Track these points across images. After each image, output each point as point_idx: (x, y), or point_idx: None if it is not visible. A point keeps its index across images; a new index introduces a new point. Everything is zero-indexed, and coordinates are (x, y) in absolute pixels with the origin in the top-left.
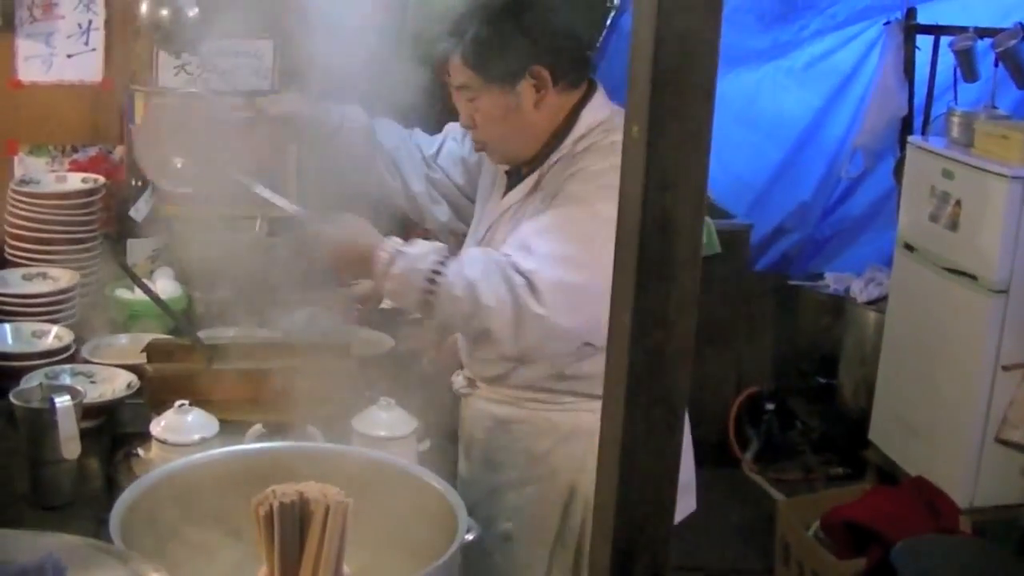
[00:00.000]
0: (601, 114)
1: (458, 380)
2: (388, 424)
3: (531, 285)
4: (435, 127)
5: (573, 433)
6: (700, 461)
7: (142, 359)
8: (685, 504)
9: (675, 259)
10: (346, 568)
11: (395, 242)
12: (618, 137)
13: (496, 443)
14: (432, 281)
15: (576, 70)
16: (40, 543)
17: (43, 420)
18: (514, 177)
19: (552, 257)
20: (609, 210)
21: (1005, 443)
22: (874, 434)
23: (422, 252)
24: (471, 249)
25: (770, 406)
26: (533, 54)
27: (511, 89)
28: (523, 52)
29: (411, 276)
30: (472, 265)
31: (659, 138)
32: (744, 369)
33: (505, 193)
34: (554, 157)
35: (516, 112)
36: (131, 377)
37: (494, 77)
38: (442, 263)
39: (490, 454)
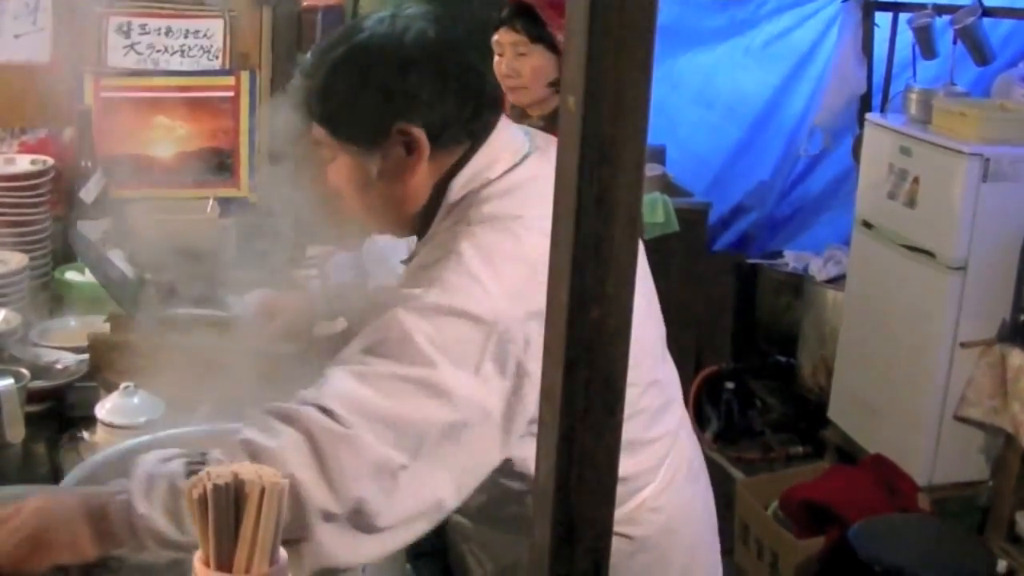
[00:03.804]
0: (482, 176)
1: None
2: None
3: (323, 409)
4: None
5: None
6: None
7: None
8: None
9: (613, 234)
10: (283, 551)
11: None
12: (471, 239)
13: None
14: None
15: (463, 122)
16: None
17: None
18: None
19: (344, 376)
20: (419, 337)
21: (963, 420)
22: (833, 413)
23: (160, 457)
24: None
25: (729, 385)
26: (401, 109)
27: (375, 152)
28: (389, 107)
29: (169, 480)
30: (240, 432)
31: (595, 111)
32: (703, 348)
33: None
34: (429, 234)
35: (380, 180)
36: (80, 360)
37: (353, 139)
38: (196, 456)
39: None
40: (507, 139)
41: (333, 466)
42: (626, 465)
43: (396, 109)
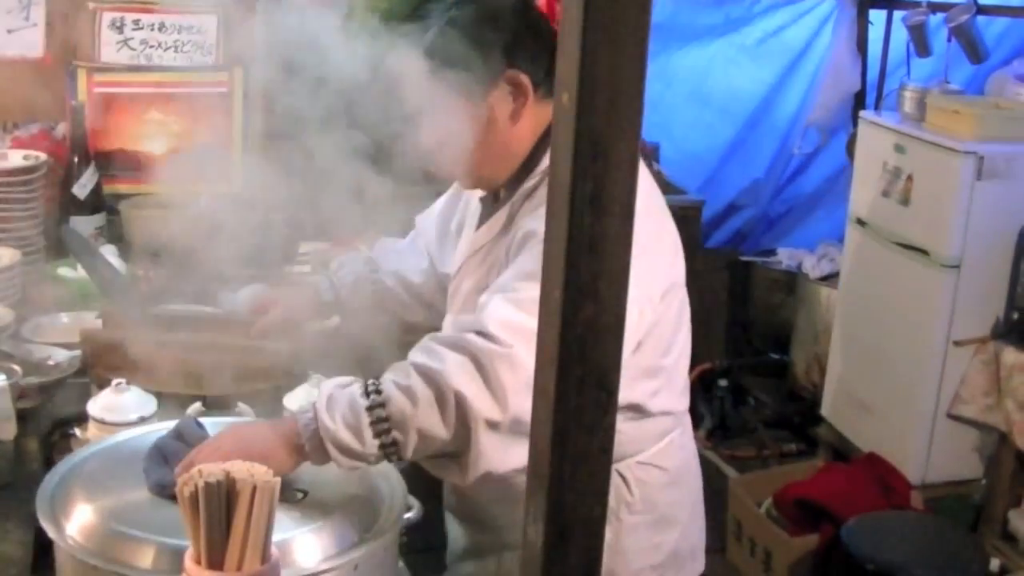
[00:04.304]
0: None
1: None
2: None
3: (480, 333)
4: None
5: None
6: None
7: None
8: (693, 570)
9: (607, 231)
10: (274, 549)
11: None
12: None
13: (478, 502)
14: (374, 391)
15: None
16: None
17: None
18: (488, 206)
19: (499, 303)
20: None
21: (957, 419)
22: (826, 410)
23: (339, 382)
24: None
25: (723, 383)
26: (511, 55)
27: (483, 99)
28: (500, 52)
29: (346, 400)
30: (402, 364)
31: (589, 107)
32: (697, 345)
33: (479, 226)
34: (528, 184)
35: (488, 127)
36: (72, 356)
37: (464, 84)
38: (369, 381)
39: (472, 512)
40: None
41: (494, 381)
42: (673, 401)
43: (507, 55)
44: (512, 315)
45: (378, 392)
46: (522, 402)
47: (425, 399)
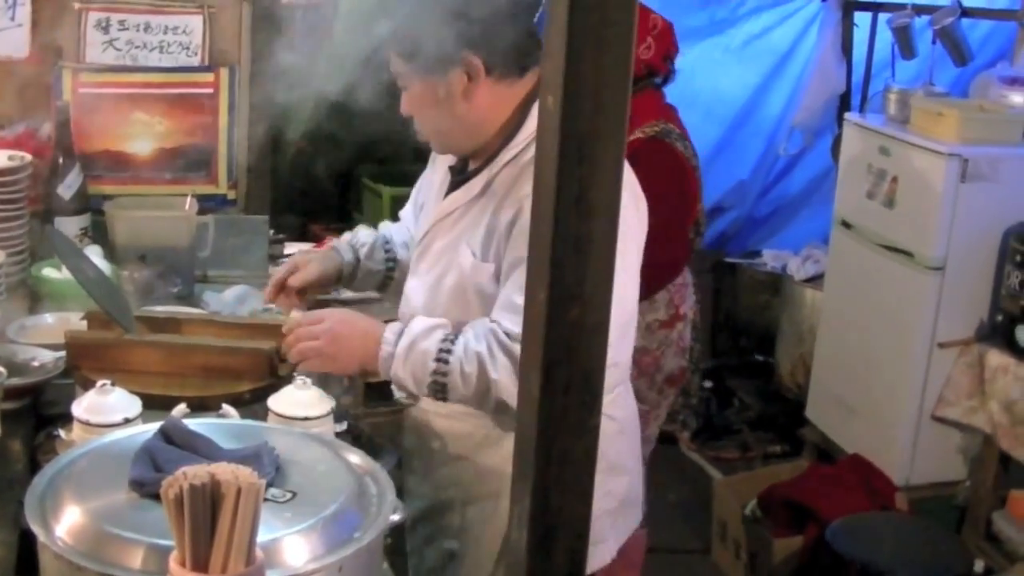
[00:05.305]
0: None
1: (399, 390)
2: (304, 404)
3: (509, 334)
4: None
5: None
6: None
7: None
8: (634, 516)
9: (592, 232)
10: (259, 551)
11: (397, 324)
12: None
13: (439, 457)
14: (443, 360)
15: (518, 57)
16: None
17: None
18: (459, 175)
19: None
20: None
21: (941, 420)
22: (811, 412)
23: (427, 327)
24: (474, 323)
25: (708, 384)
26: (462, 40)
27: (441, 78)
28: (451, 38)
29: (420, 357)
30: (477, 339)
31: (574, 109)
32: None
33: (448, 193)
34: (506, 155)
35: (446, 102)
36: (57, 357)
37: (422, 66)
38: (450, 339)
39: (433, 469)
40: None
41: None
42: (624, 352)
43: (460, 40)
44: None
45: (446, 363)
46: None
47: (475, 390)
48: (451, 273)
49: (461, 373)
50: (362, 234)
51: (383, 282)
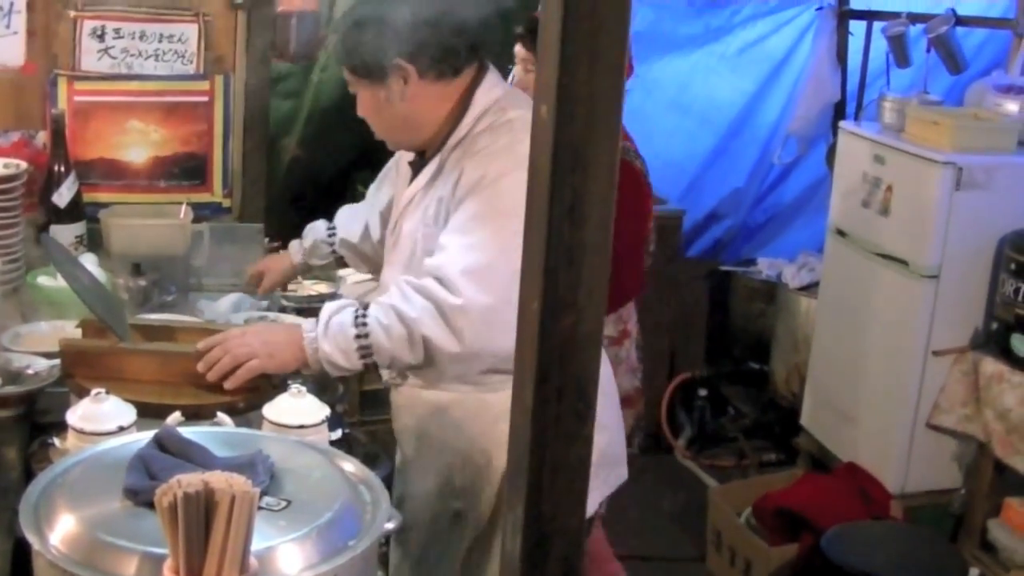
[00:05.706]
0: (494, 94)
1: (387, 371)
2: (299, 412)
3: (441, 280)
4: None
5: (505, 412)
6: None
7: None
8: (617, 474)
9: (585, 242)
10: (253, 560)
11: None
12: (514, 114)
13: (430, 427)
14: (361, 324)
15: (447, 59)
16: None
17: None
18: (418, 166)
19: (457, 248)
20: (509, 184)
21: (936, 428)
22: (806, 420)
23: (339, 304)
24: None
25: (703, 392)
26: (395, 50)
27: (381, 83)
28: (386, 49)
29: (339, 328)
30: (389, 295)
31: (567, 119)
32: (677, 355)
33: (410, 182)
34: (453, 140)
35: (388, 104)
36: (51, 366)
37: (364, 74)
38: (361, 307)
39: (426, 439)
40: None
41: (453, 324)
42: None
43: (392, 50)
44: (465, 259)
45: (364, 324)
46: (476, 337)
47: (399, 337)
48: (417, 250)
49: (381, 326)
50: (308, 236)
51: (338, 262)
